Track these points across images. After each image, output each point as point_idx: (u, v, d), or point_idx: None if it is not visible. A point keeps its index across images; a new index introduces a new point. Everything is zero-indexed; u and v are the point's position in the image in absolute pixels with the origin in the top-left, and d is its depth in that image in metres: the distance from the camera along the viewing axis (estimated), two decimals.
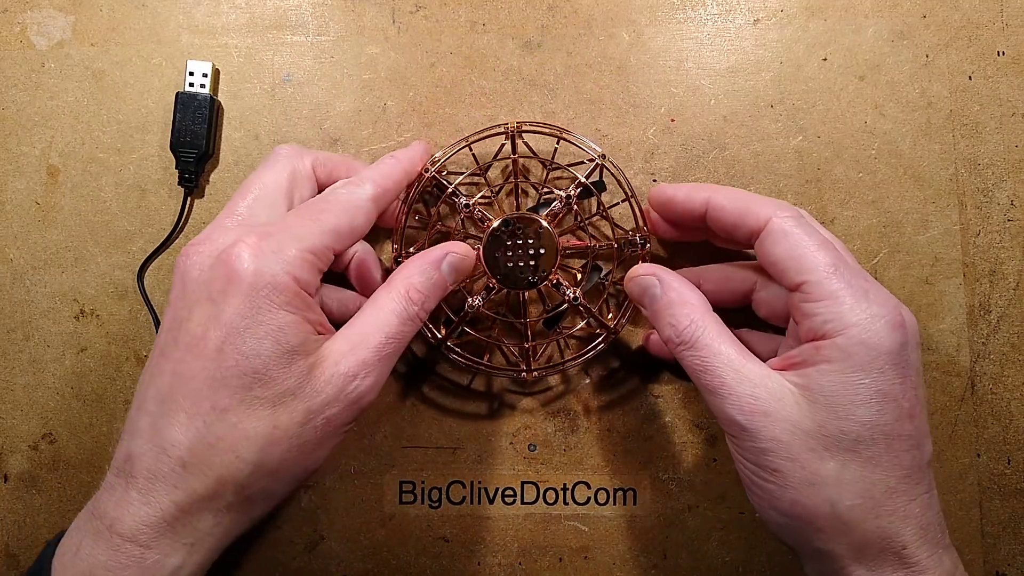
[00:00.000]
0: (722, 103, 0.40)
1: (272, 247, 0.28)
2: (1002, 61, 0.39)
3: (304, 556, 0.39)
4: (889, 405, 0.28)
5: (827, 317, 0.28)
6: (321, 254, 0.29)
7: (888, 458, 0.28)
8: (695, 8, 0.40)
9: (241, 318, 0.27)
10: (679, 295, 0.32)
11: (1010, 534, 0.39)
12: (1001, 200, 0.39)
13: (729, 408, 0.29)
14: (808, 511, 0.28)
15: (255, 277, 0.27)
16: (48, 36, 0.41)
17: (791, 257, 0.30)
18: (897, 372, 0.28)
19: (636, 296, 0.34)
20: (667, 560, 0.39)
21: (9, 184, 0.40)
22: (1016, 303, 0.39)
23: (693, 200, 0.34)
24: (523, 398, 0.40)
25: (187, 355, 0.28)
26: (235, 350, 0.27)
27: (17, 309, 0.40)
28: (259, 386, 0.27)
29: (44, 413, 0.40)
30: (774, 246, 0.30)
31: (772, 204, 0.31)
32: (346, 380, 0.29)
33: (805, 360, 0.29)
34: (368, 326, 0.30)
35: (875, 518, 0.27)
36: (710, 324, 0.30)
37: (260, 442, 0.27)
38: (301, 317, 0.28)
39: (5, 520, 0.40)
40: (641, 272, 0.33)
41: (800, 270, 0.29)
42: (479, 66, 0.40)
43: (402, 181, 0.35)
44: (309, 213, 0.30)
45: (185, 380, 0.27)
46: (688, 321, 0.30)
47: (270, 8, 0.41)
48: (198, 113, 0.39)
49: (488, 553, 0.39)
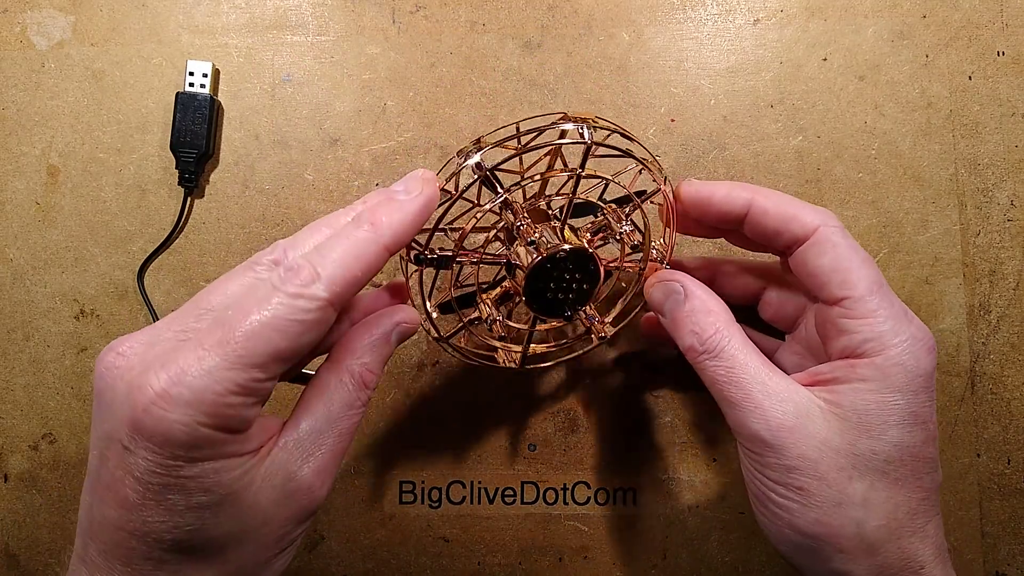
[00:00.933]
0: (722, 103, 0.40)
1: (185, 396, 0.23)
2: (1002, 61, 0.39)
3: (304, 556, 0.39)
4: (919, 427, 0.27)
5: (867, 336, 0.28)
6: (254, 387, 0.24)
7: (913, 480, 0.27)
8: (695, 8, 0.40)
9: (156, 476, 0.23)
10: (703, 303, 0.30)
11: (1010, 534, 0.39)
12: (1001, 200, 0.39)
13: (753, 422, 0.27)
14: (832, 531, 0.27)
15: (166, 433, 0.23)
16: (48, 36, 0.41)
17: (835, 270, 0.29)
18: (928, 395, 0.28)
19: (657, 302, 0.32)
20: (667, 560, 0.39)
21: (9, 184, 0.40)
22: (1016, 303, 0.39)
23: (733, 201, 0.31)
24: (523, 398, 0.40)
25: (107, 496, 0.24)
26: (157, 507, 0.24)
27: (17, 309, 0.40)
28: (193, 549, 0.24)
29: (44, 413, 0.40)
30: (819, 257, 0.29)
31: (820, 212, 0.30)
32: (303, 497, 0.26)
33: (837, 377, 0.28)
34: (320, 422, 0.27)
35: (897, 539, 0.27)
36: (735, 334, 0.29)
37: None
38: (229, 458, 0.24)
39: (5, 520, 0.40)
40: (664, 278, 0.32)
41: (844, 284, 0.28)
42: (479, 66, 0.40)
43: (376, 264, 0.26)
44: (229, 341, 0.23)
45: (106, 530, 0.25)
46: (713, 330, 0.29)
47: (270, 8, 0.41)
48: (198, 113, 0.39)
49: (488, 553, 0.39)
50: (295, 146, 0.40)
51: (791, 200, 0.31)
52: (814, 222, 0.29)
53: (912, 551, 0.27)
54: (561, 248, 0.31)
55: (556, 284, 0.32)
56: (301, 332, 0.24)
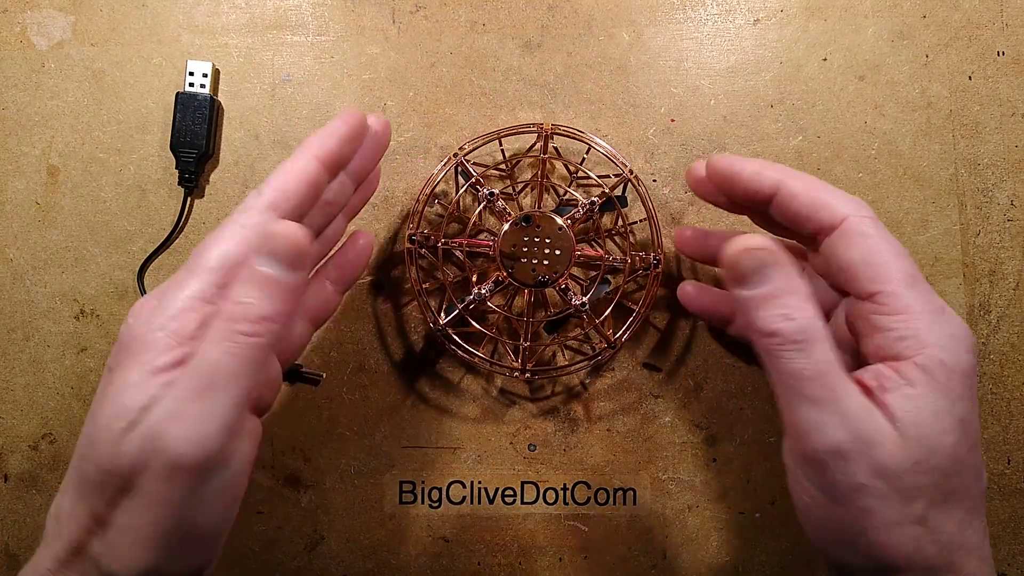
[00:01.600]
0: (722, 103, 0.40)
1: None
2: (1002, 61, 0.39)
3: (304, 556, 0.39)
4: (966, 435, 0.26)
5: (903, 333, 0.26)
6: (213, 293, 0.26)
7: (962, 491, 0.26)
8: (695, 8, 0.40)
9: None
10: (797, 284, 0.26)
11: (1010, 534, 0.39)
12: (1001, 200, 0.39)
13: (834, 429, 0.25)
14: (889, 552, 0.25)
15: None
16: (48, 36, 0.41)
17: (867, 263, 0.27)
18: (971, 398, 0.26)
19: (745, 272, 0.27)
20: (667, 560, 0.39)
21: (9, 184, 0.40)
22: (1016, 303, 0.39)
23: (761, 180, 0.29)
24: (523, 398, 0.40)
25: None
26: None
27: (17, 309, 0.40)
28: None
29: (44, 413, 0.40)
30: (848, 248, 0.27)
31: (851, 201, 0.28)
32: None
33: (881, 384, 0.26)
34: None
35: (948, 553, 0.25)
36: (824, 326, 0.26)
37: None
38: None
39: (5, 520, 0.40)
40: (757, 244, 0.27)
41: (875, 278, 0.27)
42: (479, 66, 0.40)
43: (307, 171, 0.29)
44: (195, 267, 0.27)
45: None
46: (808, 318, 0.26)
47: (270, 8, 0.41)
48: (198, 113, 0.39)
49: (488, 553, 0.39)
50: (295, 146, 0.39)
51: (823, 186, 0.29)
52: (845, 211, 0.28)
53: (959, 564, 0.26)
54: (531, 214, 0.36)
55: (529, 249, 0.36)
56: (245, 238, 0.27)
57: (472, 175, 0.37)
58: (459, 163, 0.37)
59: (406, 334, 0.40)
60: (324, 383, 0.38)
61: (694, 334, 0.40)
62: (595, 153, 0.38)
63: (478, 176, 0.37)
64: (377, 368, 0.40)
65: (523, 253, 0.36)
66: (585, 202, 0.37)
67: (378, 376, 0.40)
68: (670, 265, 0.40)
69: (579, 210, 0.37)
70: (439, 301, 0.39)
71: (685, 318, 0.40)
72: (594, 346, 0.39)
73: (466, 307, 0.37)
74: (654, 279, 0.37)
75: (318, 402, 0.40)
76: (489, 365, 0.38)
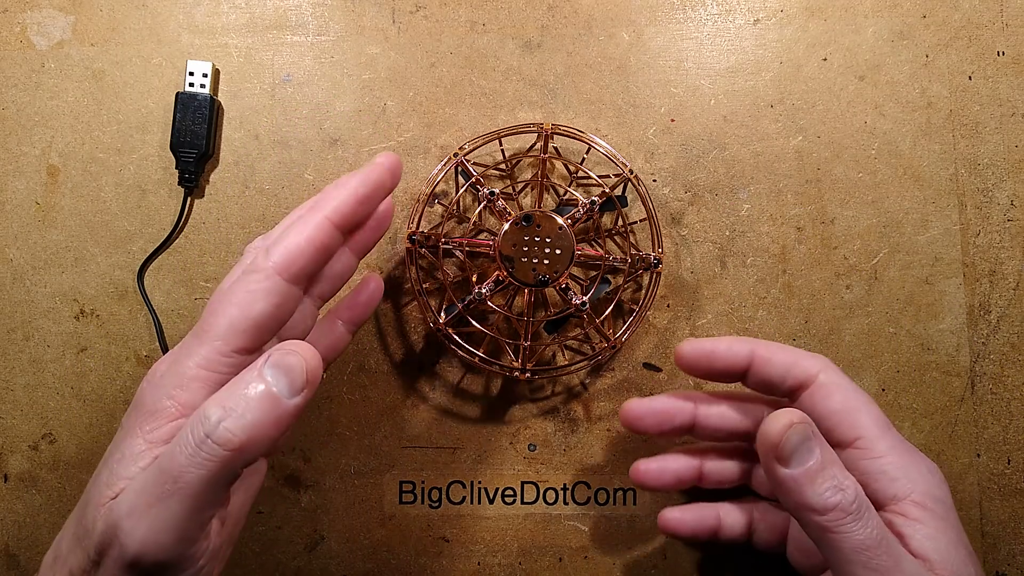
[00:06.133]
0: (722, 103, 0.40)
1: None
2: (1002, 61, 0.39)
3: (304, 556, 0.39)
4: (971, 558, 0.27)
5: (894, 475, 0.28)
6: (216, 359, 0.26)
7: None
8: (695, 8, 0.40)
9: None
10: (831, 451, 0.27)
11: (1010, 534, 0.39)
12: (1001, 200, 0.39)
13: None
14: None
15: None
16: (48, 36, 0.41)
17: (845, 411, 0.29)
18: (957, 519, 0.28)
19: (791, 449, 0.27)
20: (667, 560, 0.39)
21: (9, 184, 0.40)
22: (1016, 303, 0.39)
23: (736, 354, 0.32)
24: (523, 398, 0.40)
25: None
26: None
27: (17, 309, 0.40)
28: None
29: (44, 413, 0.40)
30: (826, 399, 0.30)
31: (817, 359, 0.31)
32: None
33: (893, 528, 0.27)
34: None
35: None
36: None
37: None
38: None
39: (5, 520, 0.40)
40: (798, 418, 0.27)
41: (854, 426, 0.29)
42: (479, 66, 0.40)
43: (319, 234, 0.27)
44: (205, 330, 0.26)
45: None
46: (854, 484, 0.26)
47: (270, 8, 0.41)
48: (198, 113, 0.39)
49: (488, 553, 0.39)
50: (295, 146, 0.40)
51: (789, 348, 0.31)
52: (815, 366, 0.30)
53: None
54: (531, 213, 0.36)
55: (529, 249, 0.36)
56: (251, 301, 0.26)
57: (472, 175, 0.38)
58: (459, 163, 0.38)
59: (406, 334, 0.40)
60: (324, 383, 0.38)
61: (694, 335, 0.40)
62: (595, 153, 0.38)
63: (478, 176, 0.37)
64: (377, 368, 0.40)
65: (523, 253, 0.36)
66: (585, 202, 0.37)
67: (378, 376, 0.40)
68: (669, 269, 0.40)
69: (579, 210, 0.37)
70: (439, 301, 0.39)
71: (685, 318, 0.40)
72: (594, 346, 0.39)
73: (466, 307, 0.37)
74: (654, 279, 0.37)
75: (318, 402, 0.40)
76: (489, 365, 0.38)
